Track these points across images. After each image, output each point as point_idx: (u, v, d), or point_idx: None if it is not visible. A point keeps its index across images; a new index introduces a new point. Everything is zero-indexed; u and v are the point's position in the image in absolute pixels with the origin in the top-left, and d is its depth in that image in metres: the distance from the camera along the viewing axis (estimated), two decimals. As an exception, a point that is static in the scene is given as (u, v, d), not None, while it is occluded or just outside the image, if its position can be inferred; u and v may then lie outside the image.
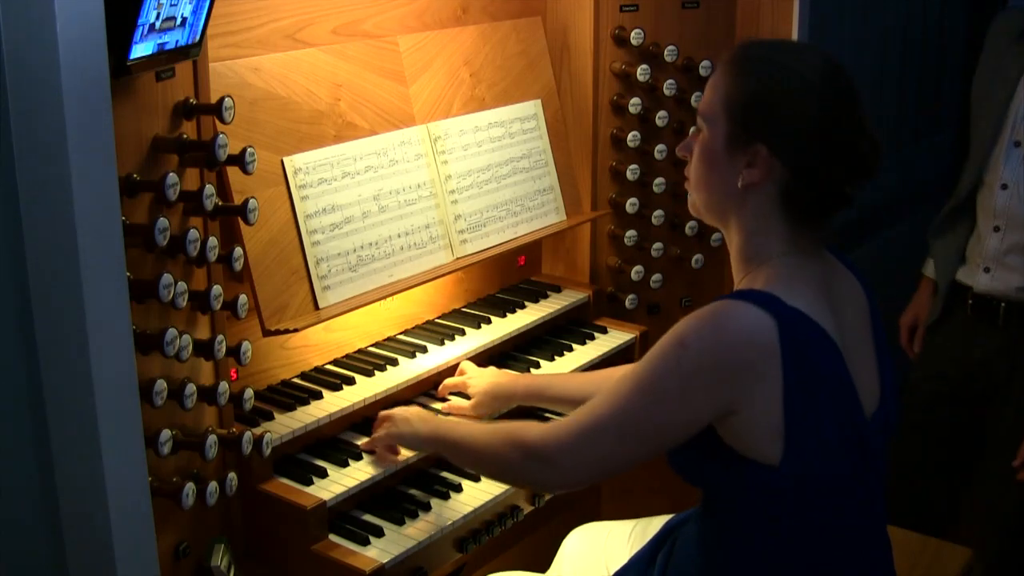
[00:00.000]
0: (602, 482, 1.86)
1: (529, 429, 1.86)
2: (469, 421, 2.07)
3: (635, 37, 2.81)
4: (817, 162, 1.75)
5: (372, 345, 2.52)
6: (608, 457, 1.78)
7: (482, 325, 2.63)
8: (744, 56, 1.81)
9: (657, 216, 2.89)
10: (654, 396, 1.73)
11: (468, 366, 2.46)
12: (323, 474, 2.15)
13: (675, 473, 1.87)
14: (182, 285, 1.82)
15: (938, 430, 3.17)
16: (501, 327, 2.63)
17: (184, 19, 1.77)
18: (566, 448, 1.80)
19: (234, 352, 2.00)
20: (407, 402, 2.40)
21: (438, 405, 2.41)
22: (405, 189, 2.45)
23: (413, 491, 2.23)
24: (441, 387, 2.44)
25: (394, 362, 2.43)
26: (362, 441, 2.24)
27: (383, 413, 2.24)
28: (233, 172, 2.07)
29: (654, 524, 2.29)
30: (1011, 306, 2.90)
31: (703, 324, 1.71)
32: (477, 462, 2.04)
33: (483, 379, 2.39)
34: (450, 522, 2.14)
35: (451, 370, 2.48)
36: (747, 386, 1.69)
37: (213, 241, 1.91)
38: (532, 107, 2.78)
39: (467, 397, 2.41)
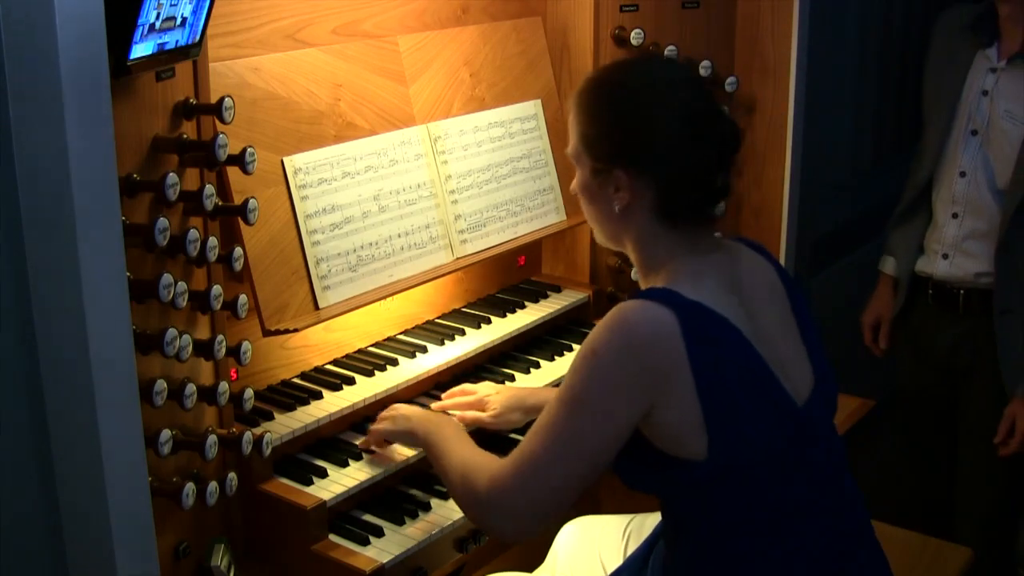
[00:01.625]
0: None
1: (480, 474, 1.85)
2: (455, 435, 2.03)
3: (635, 37, 2.81)
4: (673, 169, 1.81)
5: (372, 345, 2.52)
6: (552, 487, 1.77)
7: (482, 325, 2.63)
8: (587, 91, 1.89)
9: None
10: (579, 411, 1.76)
11: (470, 387, 2.38)
12: (323, 474, 2.15)
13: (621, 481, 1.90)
14: (182, 285, 1.82)
15: (921, 425, 3.21)
16: (501, 327, 2.63)
17: (184, 19, 1.77)
18: (511, 490, 1.79)
19: (234, 352, 2.00)
20: (408, 402, 2.40)
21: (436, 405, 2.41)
22: (405, 189, 2.45)
23: (413, 491, 2.23)
24: (450, 404, 2.36)
25: (394, 362, 2.43)
26: (360, 440, 2.24)
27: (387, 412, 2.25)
28: (233, 172, 2.06)
29: (650, 520, 2.29)
30: (970, 293, 2.97)
31: (608, 330, 1.75)
32: (447, 488, 2.02)
33: (503, 393, 2.33)
34: (450, 522, 2.14)
35: (451, 370, 2.48)
36: (661, 381, 1.73)
37: (213, 241, 1.91)
38: (532, 107, 2.78)
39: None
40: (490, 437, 2.36)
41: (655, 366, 1.72)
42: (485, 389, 2.36)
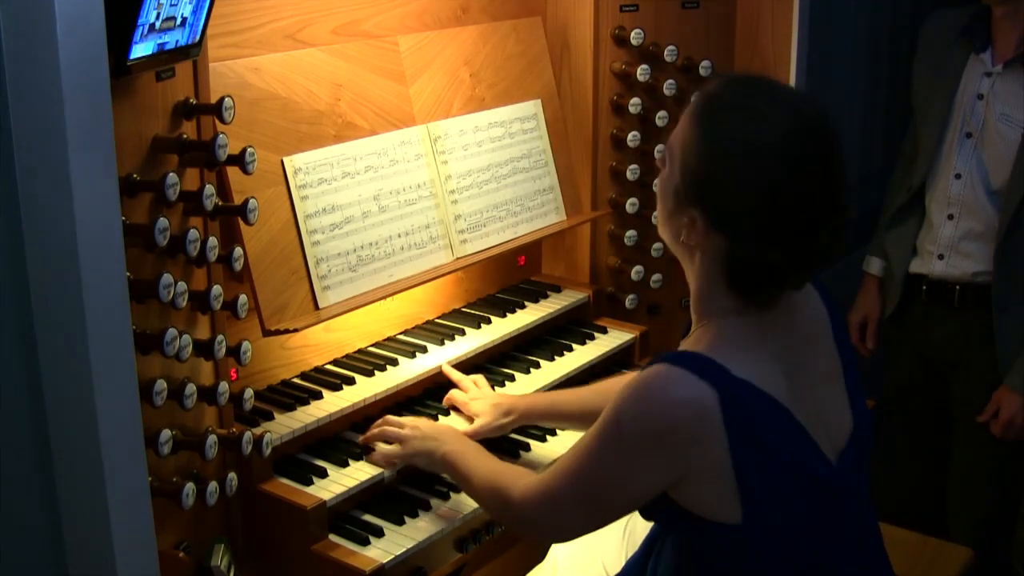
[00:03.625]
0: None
1: (513, 486, 1.89)
2: (476, 453, 2.07)
3: (635, 37, 2.81)
4: (753, 243, 1.65)
5: (372, 345, 2.52)
6: (575, 521, 1.82)
7: (482, 325, 2.63)
8: (710, 107, 1.69)
9: (657, 216, 2.89)
10: (600, 469, 1.73)
11: (467, 384, 2.40)
12: (323, 474, 2.15)
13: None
14: (182, 285, 1.82)
15: (918, 423, 3.22)
16: (501, 327, 2.63)
17: (184, 19, 1.77)
18: (538, 513, 1.85)
19: (234, 352, 2.00)
20: (408, 401, 2.40)
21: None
22: (405, 189, 2.45)
23: (413, 491, 2.23)
24: (446, 399, 2.40)
25: (394, 362, 2.43)
26: (361, 438, 2.24)
27: (393, 419, 2.25)
28: (233, 172, 2.06)
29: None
30: (965, 288, 2.99)
31: (638, 396, 1.66)
32: (475, 501, 2.08)
33: (485, 400, 2.35)
34: (450, 522, 2.14)
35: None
36: (690, 456, 1.65)
37: (213, 241, 1.91)
38: (532, 107, 2.78)
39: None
40: (496, 443, 2.37)
41: (684, 446, 1.64)
42: (473, 391, 2.38)
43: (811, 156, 1.63)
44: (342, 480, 2.14)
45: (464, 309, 2.72)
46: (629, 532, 2.31)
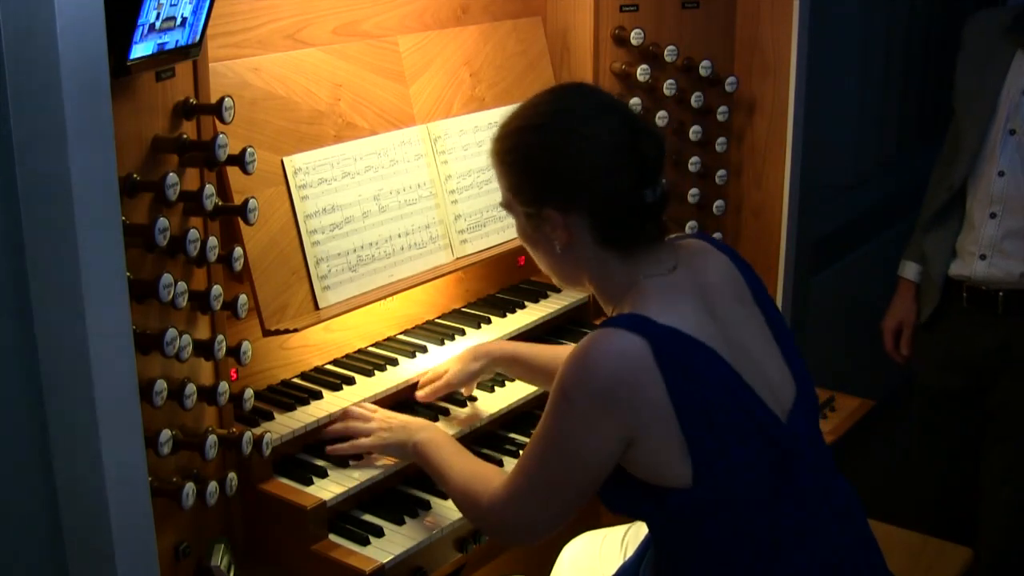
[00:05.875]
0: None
1: (484, 491, 1.91)
2: (451, 448, 2.07)
3: (635, 37, 2.81)
4: (598, 197, 1.80)
5: (372, 345, 2.52)
6: (544, 513, 1.83)
7: (482, 325, 2.63)
8: (500, 140, 1.89)
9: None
10: (558, 448, 1.76)
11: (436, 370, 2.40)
12: (323, 474, 2.15)
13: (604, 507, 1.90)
14: (182, 285, 1.82)
15: (948, 429, 3.19)
16: (501, 327, 2.63)
17: (184, 19, 1.78)
18: (505, 513, 1.87)
19: (234, 352, 2.00)
20: (408, 401, 2.40)
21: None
22: (405, 189, 2.45)
23: (413, 491, 2.23)
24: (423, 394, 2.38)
25: (394, 362, 2.43)
26: (331, 448, 2.20)
27: (356, 411, 2.24)
28: (233, 172, 2.07)
29: (645, 528, 2.28)
30: (1009, 294, 2.95)
31: (577, 364, 1.73)
32: (449, 496, 2.07)
33: (454, 356, 2.37)
34: (450, 522, 2.14)
35: (451, 370, 2.48)
36: (637, 410, 1.70)
37: (213, 241, 1.91)
38: (532, 107, 2.78)
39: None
40: (484, 436, 2.37)
41: (629, 398, 1.69)
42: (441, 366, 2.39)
43: (589, 101, 1.86)
44: (342, 480, 2.14)
45: (464, 309, 2.72)
46: (627, 544, 2.31)
